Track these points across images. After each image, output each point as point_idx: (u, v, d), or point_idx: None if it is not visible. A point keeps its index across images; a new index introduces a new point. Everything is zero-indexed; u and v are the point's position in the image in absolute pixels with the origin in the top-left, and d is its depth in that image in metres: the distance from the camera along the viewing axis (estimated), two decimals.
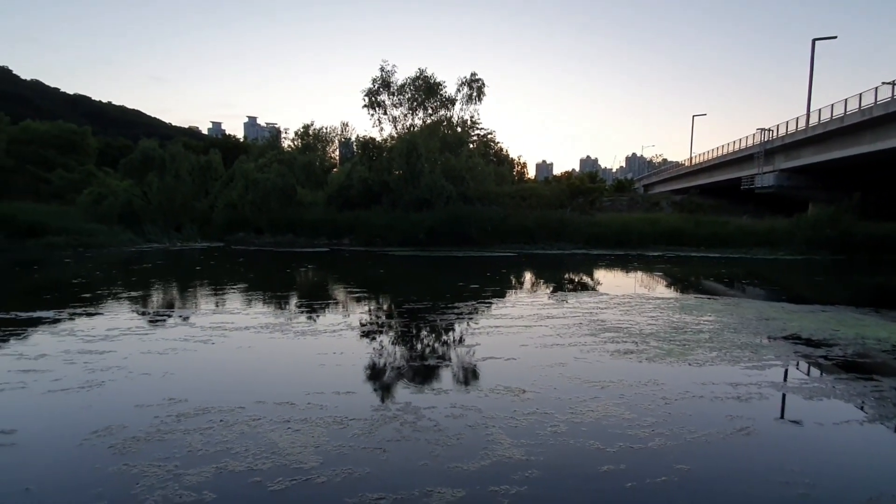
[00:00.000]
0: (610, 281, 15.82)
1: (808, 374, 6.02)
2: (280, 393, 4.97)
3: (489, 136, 45.97)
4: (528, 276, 16.80)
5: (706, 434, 4.18)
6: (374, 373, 5.90)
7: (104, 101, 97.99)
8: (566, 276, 17.12)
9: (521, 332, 7.71)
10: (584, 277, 16.68)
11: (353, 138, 40.12)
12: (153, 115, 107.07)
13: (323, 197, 30.47)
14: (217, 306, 9.97)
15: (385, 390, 5.31)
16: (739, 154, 37.57)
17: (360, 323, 8.51)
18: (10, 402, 4.72)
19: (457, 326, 8.21)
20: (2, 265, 16.35)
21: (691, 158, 52.14)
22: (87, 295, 10.96)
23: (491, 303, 10.60)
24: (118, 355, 6.18)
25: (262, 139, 51.65)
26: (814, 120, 29.32)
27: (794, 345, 7.22)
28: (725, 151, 40.80)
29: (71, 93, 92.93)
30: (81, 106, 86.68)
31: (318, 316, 8.96)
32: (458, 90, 33.24)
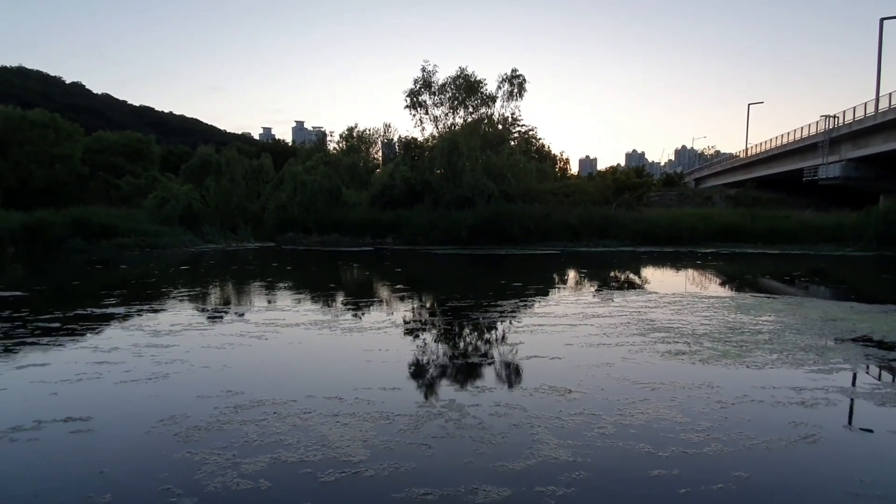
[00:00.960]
0: (659, 279, 15.28)
1: (879, 378, 5.59)
2: (329, 387, 5.13)
3: (530, 133, 45.48)
4: (571, 274, 16.49)
5: (767, 441, 3.97)
6: (419, 370, 5.99)
7: (166, 111, 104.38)
8: (612, 273, 16.67)
9: (566, 331, 7.58)
10: (632, 275, 16.18)
11: (396, 139, 40.86)
12: (210, 123, 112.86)
13: (367, 197, 31.15)
14: (269, 303, 10.41)
15: (429, 387, 5.38)
16: (801, 143, 35.30)
17: (405, 321, 8.65)
18: (86, 391, 5.14)
19: (500, 324, 8.18)
20: (79, 264, 17.80)
21: (747, 149, 49.43)
22: (153, 292, 11.79)
23: (534, 301, 10.48)
24: (181, 349, 6.58)
25: (309, 142, 53.41)
26: (884, 105, 27.10)
27: (865, 347, 6.71)
28: (785, 141, 38.44)
29: (137, 104, 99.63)
30: (146, 116, 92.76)
31: (363, 313, 9.17)
32: (499, 87, 33.04)
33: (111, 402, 4.89)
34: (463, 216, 26.31)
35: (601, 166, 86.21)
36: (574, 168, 68.87)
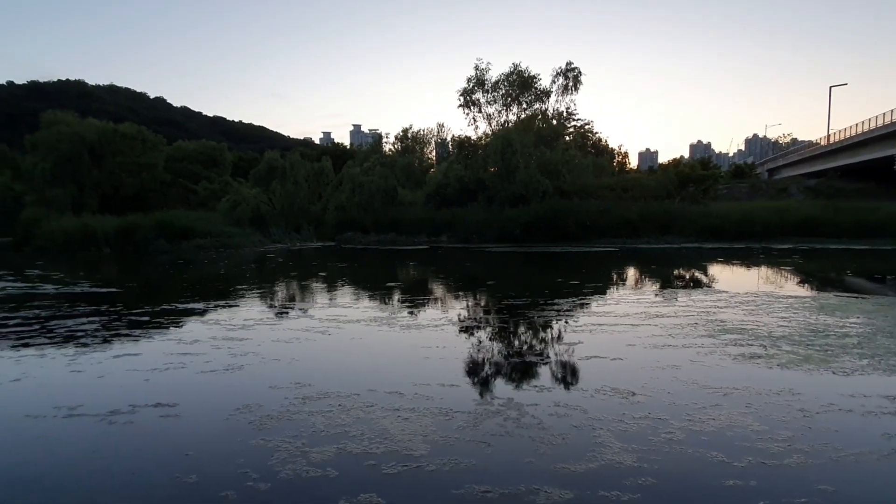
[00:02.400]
0: (728, 277, 14.40)
1: None
2: (390, 382, 5.29)
3: (586, 127, 44.15)
4: (631, 272, 15.89)
5: (856, 453, 3.65)
6: (476, 367, 6.01)
7: (236, 119, 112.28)
8: (676, 271, 15.89)
9: (628, 331, 7.33)
10: (697, 273, 15.33)
11: (449, 138, 41.06)
12: (274, 130, 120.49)
13: (422, 196, 31.61)
14: (331, 300, 10.85)
15: (487, 385, 5.39)
16: (891, 128, 31.91)
17: (461, 318, 8.71)
18: (173, 380, 5.61)
19: (557, 323, 8.04)
20: (163, 263, 19.49)
21: (828, 136, 45.36)
22: (228, 289, 12.64)
23: (592, 299, 10.20)
24: (253, 342, 7.03)
25: (366, 145, 54.87)
26: None
27: None
28: (873, 125, 34.91)
29: (210, 115, 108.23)
30: (219, 125, 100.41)
31: (420, 311, 9.32)
32: (553, 81, 32.37)
33: (194, 390, 5.32)
34: (517, 213, 26.06)
35: (663, 159, 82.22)
36: (633, 162, 66.06)
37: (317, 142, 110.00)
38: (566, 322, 8.12)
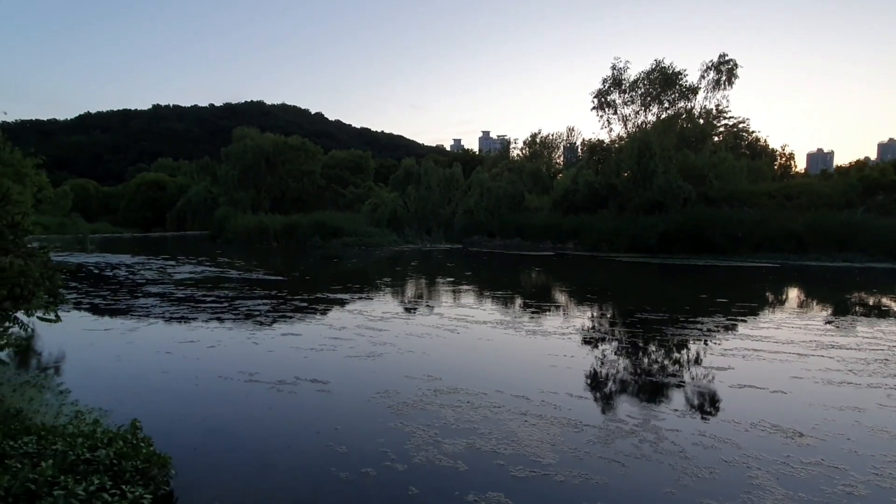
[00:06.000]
0: None
1: None
2: (516, 386, 5.33)
3: (740, 126, 39.28)
4: (796, 293, 13.69)
5: None
6: (607, 381, 5.75)
7: (379, 130, 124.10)
8: (857, 295, 13.30)
9: (792, 361, 6.36)
10: (887, 300, 12.65)
11: (579, 142, 39.71)
12: (410, 138, 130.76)
13: (548, 202, 31.08)
14: (458, 301, 11.26)
15: (618, 401, 5.13)
16: None
17: (590, 329, 8.40)
18: (325, 360, 6.37)
19: (701, 344, 7.30)
20: (318, 257, 22.36)
21: None
22: (369, 283, 14.02)
23: (745, 321, 9.04)
24: (391, 334, 7.68)
25: (494, 151, 55.69)
26: None
27: None
28: None
29: (358, 126, 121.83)
30: (365, 136, 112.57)
31: (546, 318, 9.19)
32: (702, 77, 29.32)
33: (342, 370, 5.97)
34: (652, 222, 24.16)
35: (840, 161, 69.13)
36: (800, 164, 56.72)
37: (448, 148, 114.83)
38: (711, 344, 7.33)
